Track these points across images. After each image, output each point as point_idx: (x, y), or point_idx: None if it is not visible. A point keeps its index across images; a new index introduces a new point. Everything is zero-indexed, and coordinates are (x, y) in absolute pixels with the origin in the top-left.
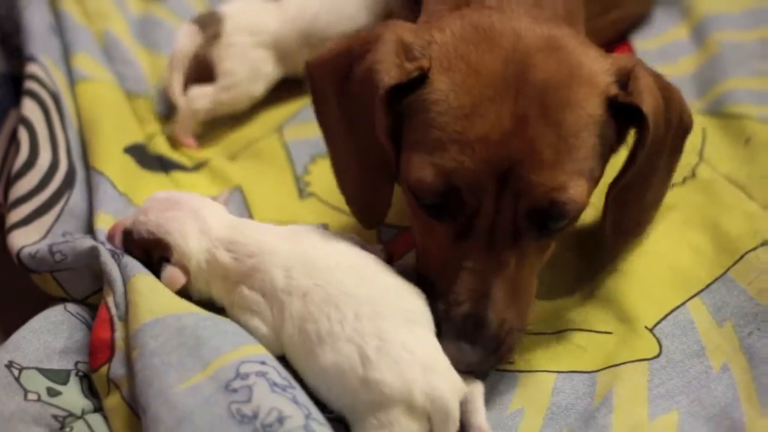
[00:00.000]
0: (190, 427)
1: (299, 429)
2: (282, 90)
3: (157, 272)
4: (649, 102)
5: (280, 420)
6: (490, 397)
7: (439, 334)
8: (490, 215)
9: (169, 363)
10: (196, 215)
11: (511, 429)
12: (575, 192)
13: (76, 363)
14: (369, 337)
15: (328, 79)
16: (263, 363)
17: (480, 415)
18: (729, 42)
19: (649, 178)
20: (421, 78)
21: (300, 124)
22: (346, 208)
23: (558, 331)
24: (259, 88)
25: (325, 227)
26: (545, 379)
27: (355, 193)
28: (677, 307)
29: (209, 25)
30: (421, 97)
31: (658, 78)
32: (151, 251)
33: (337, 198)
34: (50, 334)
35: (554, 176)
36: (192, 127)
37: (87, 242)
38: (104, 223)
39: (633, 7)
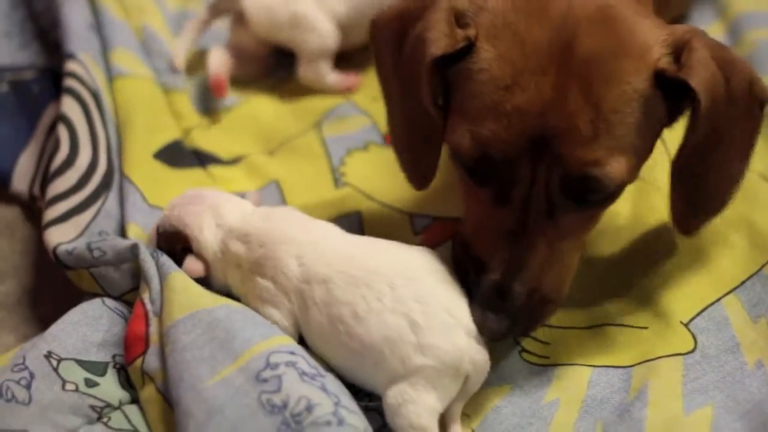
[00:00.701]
0: (220, 419)
1: (328, 416)
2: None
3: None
4: (700, 75)
5: (309, 408)
6: (525, 388)
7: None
8: (525, 186)
9: (201, 357)
10: (215, 209)
11: (546, 419)
12: (612, 168)
13: (114, 356)
14: (412, 303)
15: (386, 39)
16: (292, 353)
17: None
18: (764, 40)
19: (715, 155)
20: (470, 46)
21: (337, 120)
22: (380, 197)
23: (594, 326)
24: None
25: (359, 216)
26: (581, 373)
27: (405, 152)
28: (712, 303)
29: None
30: (467, 66)
31: (720, 50)
32: (174, 243)
33: (372, 187)
34: (89, 327)
35: (590, 151)
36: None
37: (127, 240)
38: (135, 236)
39: (678, 8)
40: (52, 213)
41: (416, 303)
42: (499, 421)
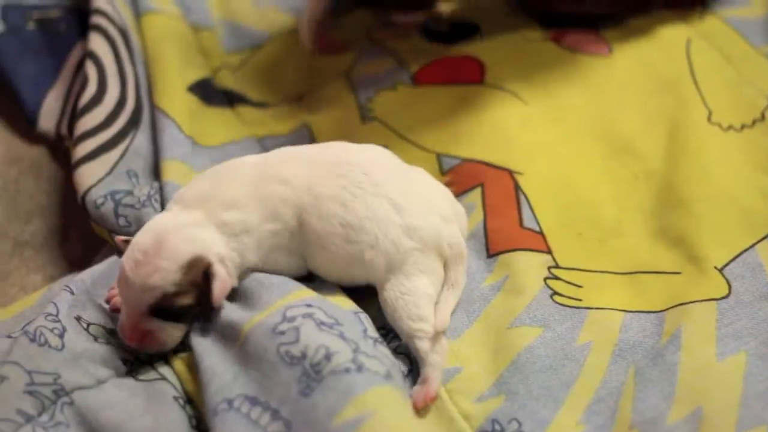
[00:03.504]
0: (244, 379)
1: (347, 363)
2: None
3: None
4: None
5: (328, 357)
6: (557, 330)
7: None
8: None
9: (217, 336)
10: (174, 228)
11: (579, 361)
12: None
13: None
14: (388, 187)
15: None
16: (309, 305)
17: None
18: None
19: None
20: None
21: (366, 63)
22: (408, 134)
23: (627, 273)
24: None
25: None
26: (613, 317)
27: None
28: (746, 249)
29: None
30: None
31: None
32: (196, 281)
33: (400, 124)
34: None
35: None
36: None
37: (150, 215)
38: (172, 175)
39: None
40: (80, 150)
41: (392, 187)
42: (532, 361)
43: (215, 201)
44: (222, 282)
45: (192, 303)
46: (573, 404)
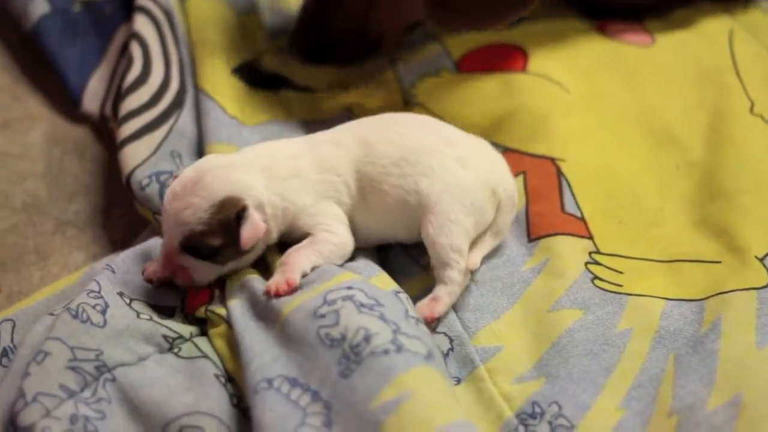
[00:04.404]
0: (284, 361)
1: (386, 345)
2: None
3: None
4: None
5: (367, 338)
6: (598, 314)
7: None
8: None
9: (257, 317)
10: (218, 166)
11: (620, 347)
12: None
13: (183, 299)
14: (439, 127)
15: None
16: (350, 288)
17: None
18: None
19: None
20: None
21: (411, 49)
22: (451, 119)
23: (668, 261)
24: None
25: None
26: (654, 304)
27: None
28: None
29: None
30: None
31: None
32: (226, 221)
33: (443, 110)
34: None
35: None
36: None
37: None
38: None
39: None
40: (125, 131)
41: (441, 126)
42: (572, 344)
43: (267, 150)
44: (253, 226)
45: (220, 244)
46: (613, 389)
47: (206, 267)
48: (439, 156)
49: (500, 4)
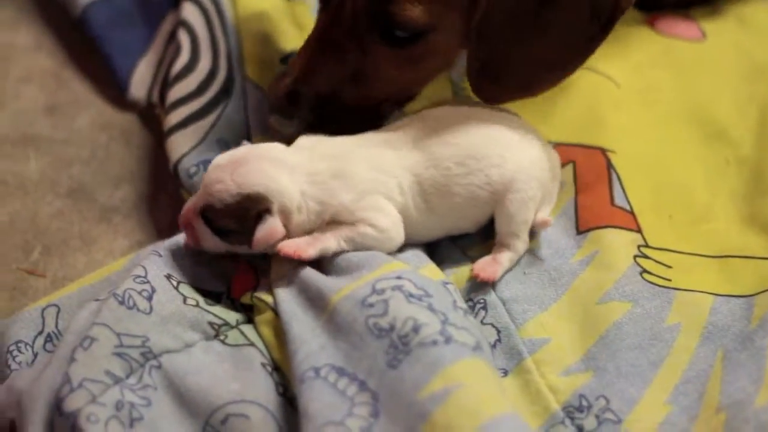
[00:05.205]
0: (331, 350)
1: (435, 335)
2: None
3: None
4: None
5: (416, 329)
6: (647, 308)
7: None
8: (334, 7)
9: (305, 305)
10: (268, 159)
11: (668, 342)
12: (408, 8)
13: (229, 287)
14: (502, 129)
15: None
16: (399, 277)
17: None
18: None
19: (511, 31)
20: None
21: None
22: None
23: (717, 256)
24: None
25: None
26: (703, 300)
27: None
28: None
29: None
30: None
31: None
32: (244, 213)
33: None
34: (198, 257)
35: None
36: None
37: None
38: None
39: None
40: (173, 118)
41: (495, 117)
42: (620, 338)
43: (319, 149)
44: (270, 230)
45: (233, 229)
46: (661, 384)
47: (215, 240)
48: (502, 141)
49: (543, 71)
